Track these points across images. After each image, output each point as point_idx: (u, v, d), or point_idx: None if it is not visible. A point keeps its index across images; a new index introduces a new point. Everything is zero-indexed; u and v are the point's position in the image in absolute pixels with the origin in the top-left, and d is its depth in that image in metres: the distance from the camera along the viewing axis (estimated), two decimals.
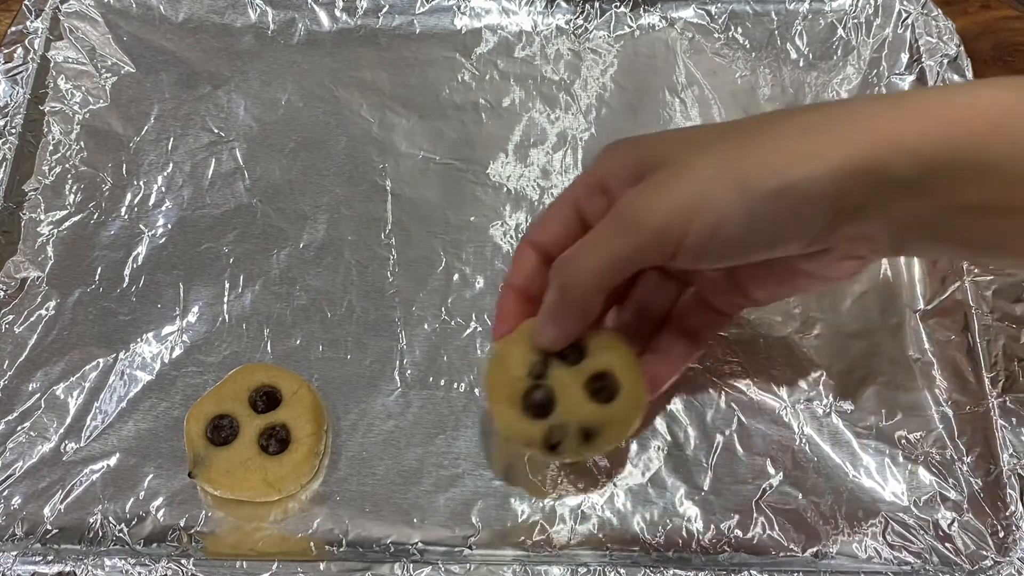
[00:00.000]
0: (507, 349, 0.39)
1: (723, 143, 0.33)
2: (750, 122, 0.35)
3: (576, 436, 0.37)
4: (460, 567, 0.39)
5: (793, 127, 0.32)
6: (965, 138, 0.29)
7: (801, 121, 0.32)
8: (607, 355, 0.38)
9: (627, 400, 0.38)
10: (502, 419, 0.38)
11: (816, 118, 0.32)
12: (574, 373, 0.38)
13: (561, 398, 0.38)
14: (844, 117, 0.31)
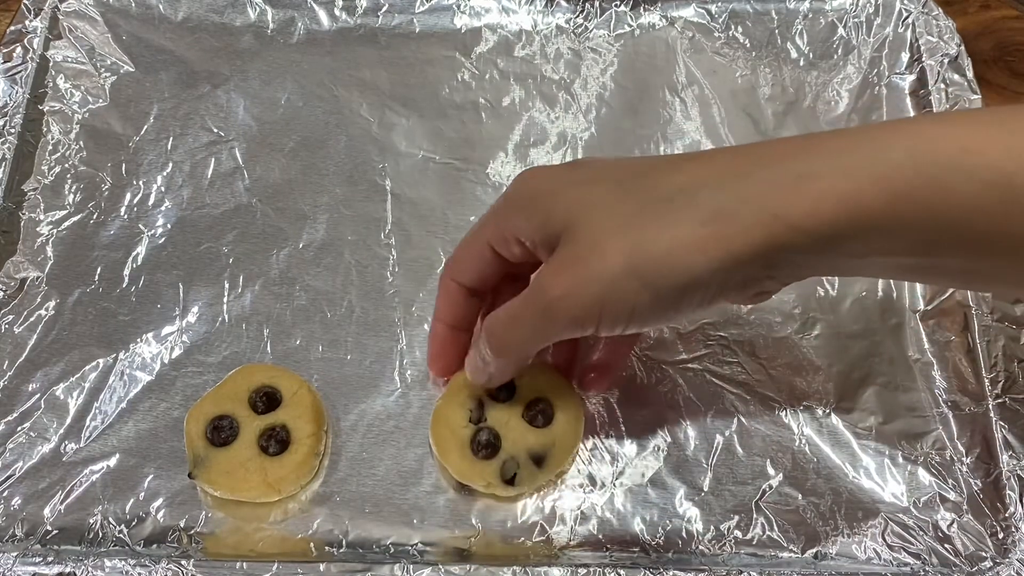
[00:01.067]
0: (444, 407, 0.42)
1: (625, 218, 0.33)
2: (650, 186, 0.33)
3: (527, 464, 0.40)
4: (460, 568, 0.39)
5: (694, 209, 0.32)
6: (865, 216, 0.30)
7: (703, 201, 0.32)
8: (535, 383, 0.42)
9: (565, 418, 0.41)
10: (457, 468, 0.41)
11: (719, 197, 0.32)
12: (509, 408, 0.41)
13: (504, 434, 0.41)
14: (746, 195, 0.31)
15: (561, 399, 0.42)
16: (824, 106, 0.54)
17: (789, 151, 0.32)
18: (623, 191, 0.34)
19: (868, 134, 0.32)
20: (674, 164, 0.34)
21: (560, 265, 0.34)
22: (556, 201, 0.35)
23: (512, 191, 0.38)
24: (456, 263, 0.41)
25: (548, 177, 0.37)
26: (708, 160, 0.34)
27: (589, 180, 0.35)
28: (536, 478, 0.41)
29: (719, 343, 0.46)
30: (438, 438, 0.42)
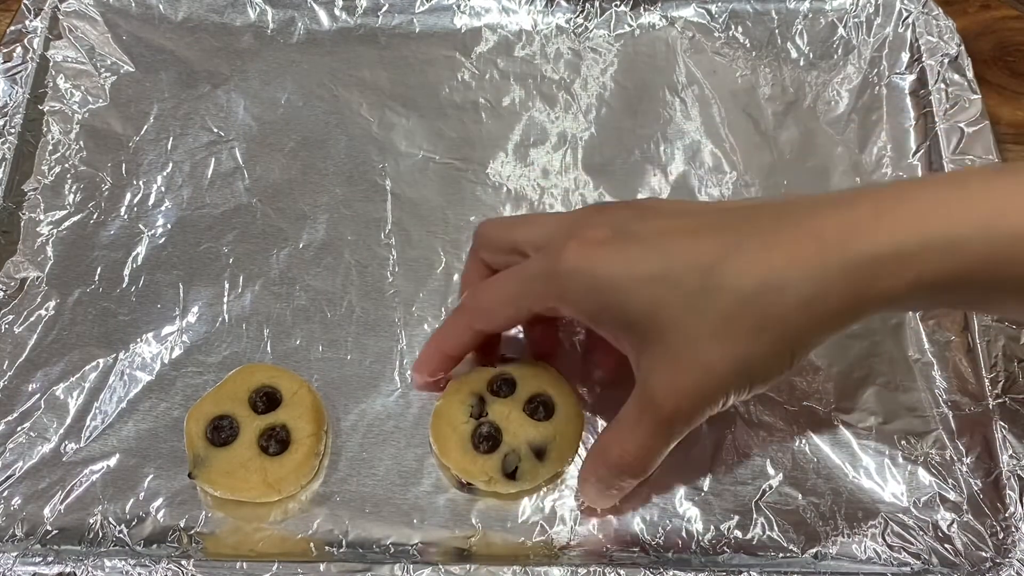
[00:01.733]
0: (444, 405, 0.42)
1: (719, 321, 0.33)
2: (731, 285, 0.33)
3: (529, 457, 0.40)
4: (460, 568, 0.39)
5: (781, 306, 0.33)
6: (937, 288, 0.32)
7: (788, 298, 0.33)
8: (536, 380, 0.42)
9: (565, 413, 0.41)
10: (459, 464, 0.41)
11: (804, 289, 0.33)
12: (510, 403, 0.41)
13: (505, 427, 0.41)
14: (834, 280, 0.32)
15: (561, 395, 0.42)
16: (824, 106, 0.54)
17: (863, 226, 0.32)
18: (703, 293, 0.33)
19: (937, 207, 0.32)
20: (742, 248, 0.34)
21: (666, 376, 0.35)
22: (630, 300, 0.35)
23: (566, 275, 0.36)
24: (483, 315, 0.40)
25: (607, 264, 0.35)
26: (781, 245, 0.33)
27: (662, 277, 0.34)
28: (537, 472, 0.40)
29: None
30: (439, 436, 0.42)
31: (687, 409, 0.35)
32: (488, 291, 0.40)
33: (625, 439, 0.37)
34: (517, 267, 0.39)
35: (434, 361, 0.43)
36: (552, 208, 0.50)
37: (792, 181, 0.51)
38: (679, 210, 0.38)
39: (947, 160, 0.49)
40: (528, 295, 0.38)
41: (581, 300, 0.36)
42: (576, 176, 0.52)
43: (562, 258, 0.36)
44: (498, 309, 0.40)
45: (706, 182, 0.51)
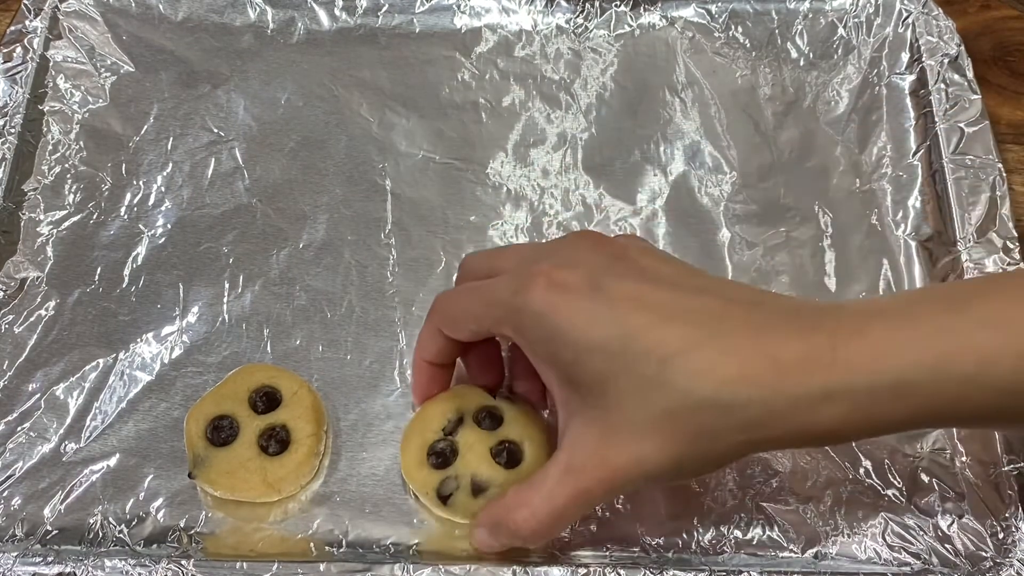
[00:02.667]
0: (430, 407, 0.42)
1: (665, 413, 0.33)
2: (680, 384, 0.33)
3: (466, 490, 0.40)
4: (460, 568, 0.39)
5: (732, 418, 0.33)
6: (936, 413, 0.33)
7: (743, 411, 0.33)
8: (520, 429, 0.41)
9: (526, 471, 0.40)
10: (405, 465, 0.41)
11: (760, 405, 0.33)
12: (483, 436, 0.41)
13: (463, 453, 0.41)
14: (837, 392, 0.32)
15: (534, 454, 0.41)
16: (824, 106, 0.54)
17: (818, 360, 0.32)
18: (653, 383, 0.33)
19: (891, 345, 0.32)
20: (701, 350, 0.33)
21: (598, 449, 0.35)
22: (581, 362, 0.34)
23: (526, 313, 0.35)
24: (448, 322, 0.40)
25: (567, 317, 0.34)
26: (740, 358, 0.33)
27: (618, 352, 0.33)
28: (469, 508, 0.40)
29: None
30: (407, 433, 0.42)
31: (610, 485, 0.35)
32: (454, 300, 0.40)
33: (538, 502, 0.36)
34: (486, 283, 0.38)
35: (420, 373, 0.42)
36: (552, 208, 0.50)
37: (792, 181, 0.51)
38: (657, 275, 0.36)
39: (947, 160, 0.49)
40: (488, 317, 0.38)
41: (535, 343, 0.36)
42: (576, 176, 0.52)
43: (527, 295, 0.35)
44: (461, 321, 0.39)
45: (706, 182, 0.51)
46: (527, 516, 0.36)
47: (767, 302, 0.35)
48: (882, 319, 0.33)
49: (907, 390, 0.32)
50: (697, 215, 0.50)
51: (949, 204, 0.48)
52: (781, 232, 0.49)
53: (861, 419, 0.32)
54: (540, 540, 0.38)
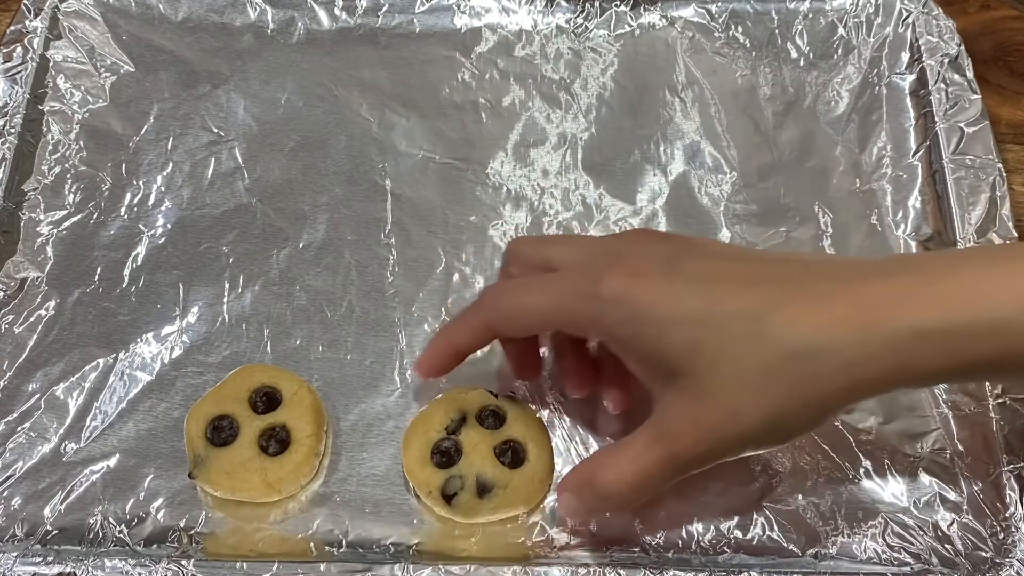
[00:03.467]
0: (431, 408, 0.42)
1: (760, 375, 0.33)
2: (779, 335, 0.33)
3: (471, 490, 0.40)
4: (460, 568, 0.39)
5: (826, 365, 0.32)
6: (980, 365, 0.32)
7: (834, 359, 0.33)
8: (523, 428, 0.42)
9: (529, 472, 0.41)
10: (409, 465, 0.41)
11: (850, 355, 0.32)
12: (487, 435, 0.41)
13: (467, 453, 0.41)
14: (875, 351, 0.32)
15: (538, 454, 0.41)
16: (824, 106, 0.54)
17: (911, 299, 0.32)
18: (745, 340, 0.33)
19: (981, 284, 0.32)
20: (791, 302, 0.33)
21: (690, 412, 0.34)
22: (670, 335, 0.34)
23: (607, 299, 0.35)
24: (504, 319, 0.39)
25: (652, 296, 0.34)
26: (831, 304, 0.33)
27: (707, 318, 0.33)
28: (474, 508, 0.40)
29: None
30: (409, 432, 0.42)
31: (703, 448, 0.34)
32: (514, 295, 0.39)
33: (624, 463, 0.36)
34: (548, 277, 0.38)
35: (442, 355, 0.41)
36: (552, 208, 0.50)
37: (792, 181, 0.51)
38: (728, 254, 0.37)
39: (947, 160, 0.50)
40: (559, 311, 0.37)
41: (616, 327, 0.35)
42: (576, 176, 0.52)
43: (605, 282, 0.35)
44: (522, 317, 0.38)
45: (706, 182, 0.51)
46: (611, 479, 0.36)
47: (847, 260, 0.35)
48: (969, 262, 0.33)
49: (1002, 327, 0.31)
50: (697, 215, 0.50)
51: (949, 204, 0.48)
52: (781, 232, 0.49)
53: (956, 358, 0.32)
54: (625, 505, 0.37)
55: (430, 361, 0.42)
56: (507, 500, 0.40)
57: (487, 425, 0.42)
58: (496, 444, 0.41)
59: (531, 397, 0.44)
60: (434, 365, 0.42)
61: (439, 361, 0.41)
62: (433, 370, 0.42)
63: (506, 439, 0.41)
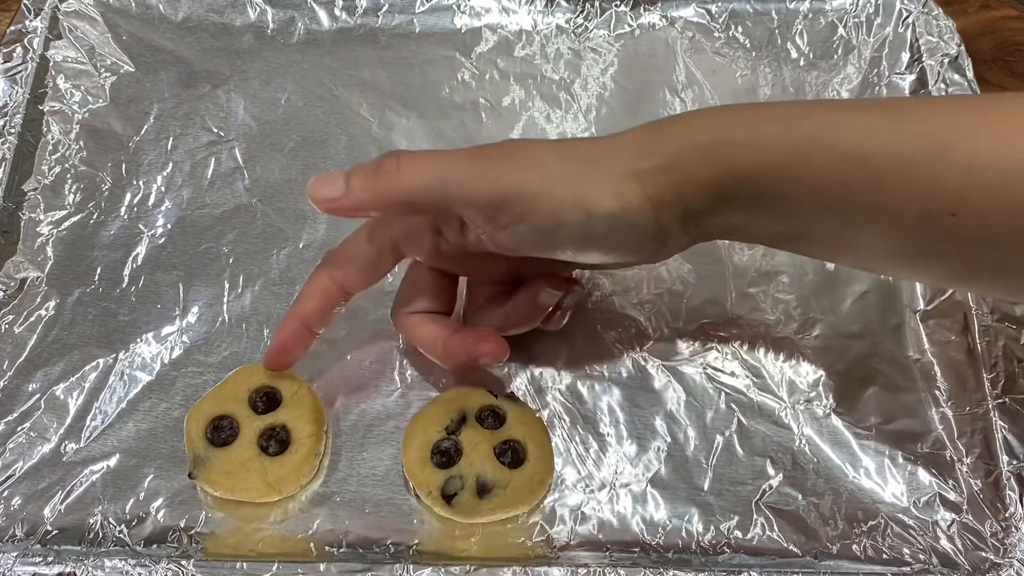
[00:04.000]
0: (430, 408, 0.42)
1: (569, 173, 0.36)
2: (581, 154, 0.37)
3: (471, 490, 0.40)
4: (460, 568, 0.39)
5: (617, 164, 0.36)
6: (742, 176, 0.34)
7: (623, 161, 0.36)
8: (523, 428, 0.42)
9: (529, 472, 0.41)
10: (409, 465, 0.41)
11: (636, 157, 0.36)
12: (487, 435, 0.41)
13: (467, 452, 0.41)
14: (659, 159, 0.35)
15: (538, 454, 0.41)
16: None
17: (695, 123, 0.36)
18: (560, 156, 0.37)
19: (748, 112, 0.36)
20: (594, 141, 0.38)
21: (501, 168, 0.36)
22: (510, 165, 0.36)
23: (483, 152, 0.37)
24: (345, 268, 0.41)
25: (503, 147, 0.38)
26: (625, 134, 0.37)
27: (539, 149, 0.37)
28: (474, 508, 0.40)
29: (719, 343, 0.46)
30: (409, 432, 0.42)
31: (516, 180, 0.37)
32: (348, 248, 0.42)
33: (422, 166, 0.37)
34: None
35: (294, 336, 0.42)
36: None
37: None
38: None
39: None
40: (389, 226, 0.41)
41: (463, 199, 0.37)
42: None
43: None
44: (358, 256, 0.41)
45: None
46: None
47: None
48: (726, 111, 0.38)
49: (759, 142, 0.34)
50: None
51: None
52: None
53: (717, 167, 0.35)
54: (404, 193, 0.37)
55: (287, 348, 0.42)
56: (507, 500, 0.40)
57: (487, 425, 0.42)
58: (496, 444, 0.41)
59: (531, 397, 0.44)
60: (290, 350, 0.42)
61: (291, 344, 0.42)
62: (283, 354, 0.42)
63: (506, 439, 0.41)
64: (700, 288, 0.48)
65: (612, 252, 0.38)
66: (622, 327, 0.46)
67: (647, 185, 0.35)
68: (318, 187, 0.38)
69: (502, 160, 0.36)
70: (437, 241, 0.40)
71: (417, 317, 0.42)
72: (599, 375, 0.45)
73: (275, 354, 0.42)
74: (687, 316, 0.47)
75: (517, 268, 0.42)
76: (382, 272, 0.42)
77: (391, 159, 0.37)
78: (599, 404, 0.44)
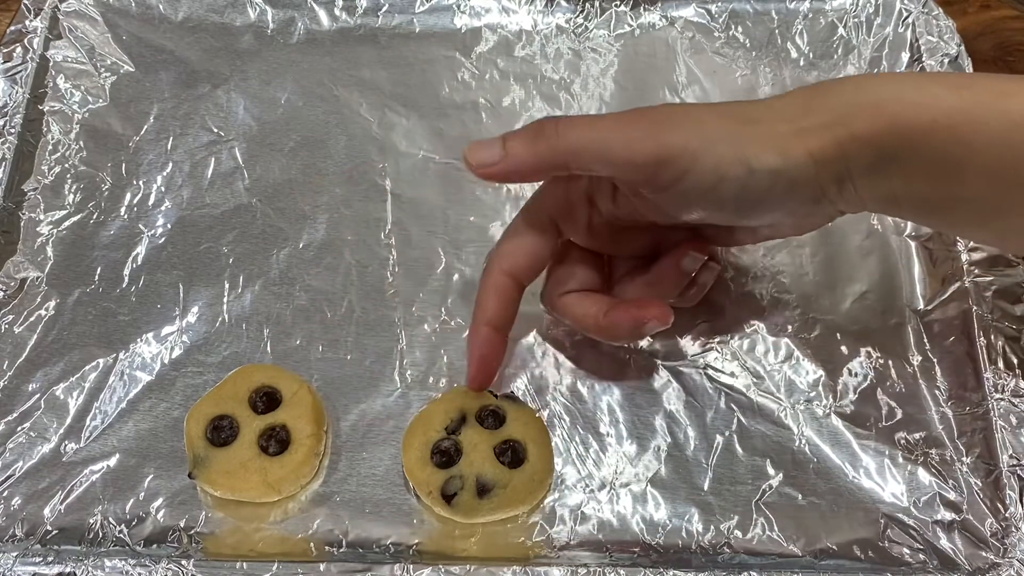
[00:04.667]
0: (431, 408, 0.42)
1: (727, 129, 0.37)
2: (739, 112, 0.38)
3: (471, 490, 0.40)
4: (460, 568, 0.39)
5: (778, 124, 0.36)
6: (911, 135, 0.34)
7: (785, 119, 0.36)
8: (523, 428, 0.42)
9: (529, 472, 0.41)
10: (409, 465, 0.41)
11: (798, 116, 0.36)
12: (486, 435, 0.41)
13: (467, 452, 0.41)
14: (822, 115, 0.35)
15: (538, 454, 0.41)
16: None
17: (864, 83, 0.36)
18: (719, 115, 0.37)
19: (915, 76, 0.37)
20: (752, 102, 0.39)
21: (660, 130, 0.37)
22: (670, 124, 0.37)
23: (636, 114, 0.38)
24: (511, 258, 0.42)
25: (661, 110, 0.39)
26: (782, 97, 0.37)
27: (697, 109, 0.38)
28: (474, 508, 0.40)
29: (719, 343, 0.46)
30: (409, 432, 0.42)
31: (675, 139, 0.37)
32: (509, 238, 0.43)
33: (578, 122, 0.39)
34: None
35: (488, 344, 0.42)
36: None
37: None
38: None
39: None
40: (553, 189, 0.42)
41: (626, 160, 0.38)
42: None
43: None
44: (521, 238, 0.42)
45: None
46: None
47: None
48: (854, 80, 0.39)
49: (881, 107, 0.35)
50: None
51: None
52: None
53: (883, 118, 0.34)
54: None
55: (487, 358, 0.42)
56: (507, 500, 0.40)
57: (487, 425, 0.42)
58: (496, 444, 0.41)
59: (531, 397, 0.44)
60: (491, 359, 0.42)
61: (489, 352, 0.42)
62: (491, 363, 0.43)
63: (506, 439, 0.41)
64: None
65: (768, 212, 0.38)
66: None
67: (810, 141, 0.35)
68: (476, 152, 0.39)
69: (662, 121, 0.37)
70: (591, 214, 0.41)
71: (572, 296, 0.43)
72: (599, 375, 0.45)
73: (477, 369, 0.42)
74: (687, 316, 0.47)
75: (658, 243, 0.43)
76: (547, 255, 0.43)
77: (550, 123, 0.38)
78: (599, 404, 0.44)
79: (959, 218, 0.37)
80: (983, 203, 0.35)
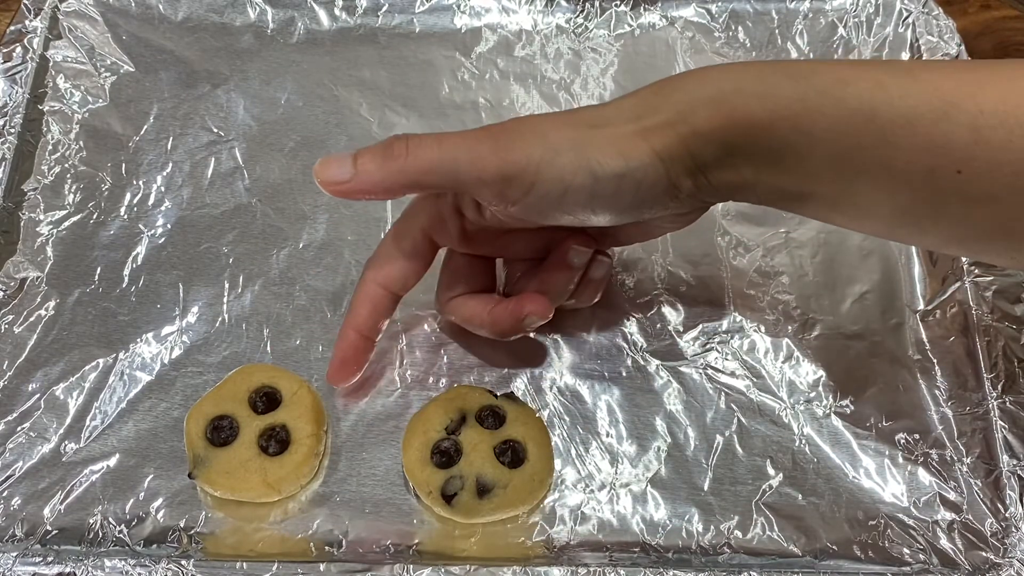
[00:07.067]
0: (430, 407, 0.42)
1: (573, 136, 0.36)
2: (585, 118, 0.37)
3: (471, 490, 0.40)
4: (460, 568, 0.39)
5: (622, 125, 0.36)
6: (751, 127, 0.34)
7: (627, 118, 0.36)
8: (523, 428, 0.41)
9: (529, 472, 0.41)
10: (409, 466, 0.41)
11: (641, 114, 0.36)
12: (486, 435, 0.41)
13: (467, 452, 0.41)
14: (664, 112, 0.36)
15: (538, 454, 0.41)
16: None
17: (704, 76, 0.36)
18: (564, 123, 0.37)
19: (758, 65, 0.36)
20: (603, 105, 0.38)
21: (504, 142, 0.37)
22: (514, 139, 0.37)
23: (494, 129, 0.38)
24: (385, 269, 0.42)
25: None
26: (632, 95, 0.37)
27: (543, 120, 0.38)
28: (474, 508, 0.40)
29: (719, 343, 0.46)
30: (409, 432, 0.42)
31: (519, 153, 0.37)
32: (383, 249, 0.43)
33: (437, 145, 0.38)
34: None
35: (352, 348, 0.43)
36: None
37: None
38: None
39: None
40: (419, 213, 0.42)
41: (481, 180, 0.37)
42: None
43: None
44: (392, 249, 0.42)
45: None
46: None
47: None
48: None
49: (769, 94, 0.34)
50: None
51: None
52: (781, 233, 0.49)
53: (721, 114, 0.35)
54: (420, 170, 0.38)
55: (349, 360, 0.43)
56: (507, 500, 0.40)
57: (487, 425, 0.42)
58: (496, 444, 0.41)
59: (531, 397, 0.44)
60: (352, 361, 0.43)
61: (351, 356, 0.43)
62: (352, 365, 0.43)
63: (506, 439, 0.41)
64: (700, 288, 0.48)
65: (625, 211, 0.38)
66: (622, 327, 0.46)
67: (654, 140, 0.35)
68: (325, 169, 0.38)
69: (506, 136, 0.37)
70: (462, 223, 0.41)
71: (460, 298, 0.43)
72: (599, 375, 0.45)
73: (336, 369, 0.43)
74: (687, 316, 0.47)
75: (547, 243, 0.43)
76: (421, 267, 0.43)
77: (400, 142, 0.38)
78: (599, 404, 0.44)
79: (819, 208, 0.38)
80: (833, 194, 0.36)
